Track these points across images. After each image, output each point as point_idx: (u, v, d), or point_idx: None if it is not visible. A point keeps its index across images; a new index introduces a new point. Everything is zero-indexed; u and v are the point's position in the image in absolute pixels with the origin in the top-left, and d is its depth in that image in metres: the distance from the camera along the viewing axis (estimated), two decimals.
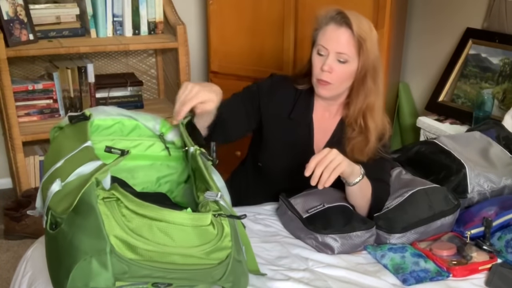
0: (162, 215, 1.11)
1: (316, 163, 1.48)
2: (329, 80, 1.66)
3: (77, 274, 1.06)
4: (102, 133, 1.46)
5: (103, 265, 1.06)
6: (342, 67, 1.65)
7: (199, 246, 1.13)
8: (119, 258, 1.06)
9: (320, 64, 1.66)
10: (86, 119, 1.40)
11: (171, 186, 1.51)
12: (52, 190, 1.15)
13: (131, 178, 1.46)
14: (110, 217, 1.08)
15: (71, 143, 1.31)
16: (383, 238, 1.60)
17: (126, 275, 1.08)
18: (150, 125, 1.50)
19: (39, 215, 1.28)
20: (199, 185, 1.33)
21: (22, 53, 2.64)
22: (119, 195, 1.10)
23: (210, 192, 1.21)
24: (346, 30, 1.63)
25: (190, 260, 1.12)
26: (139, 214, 1.10)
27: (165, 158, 1.52)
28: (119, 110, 1.50)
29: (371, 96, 1.69)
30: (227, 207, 1.21)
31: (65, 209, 1.09)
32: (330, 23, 1.65)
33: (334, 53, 1.64)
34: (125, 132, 1.49)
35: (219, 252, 1.15)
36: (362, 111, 1.71)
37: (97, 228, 1.06)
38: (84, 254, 1.05)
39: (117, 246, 1.07)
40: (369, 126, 1.70)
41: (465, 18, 2.82)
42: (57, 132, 1.43)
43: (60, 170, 1.23)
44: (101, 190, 1.10)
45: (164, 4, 2.96)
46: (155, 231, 1.10)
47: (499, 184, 1.79)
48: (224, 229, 1.17)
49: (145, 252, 1.08)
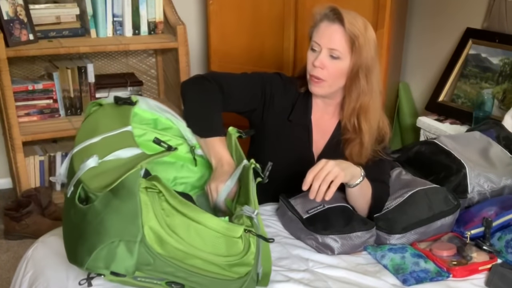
0: (203, 217, 1.11)
1: (313, 176, 1.47)
2: (321, 76, 1.66)
3: (101, 255, 1.06)
4: (136, 121, 1.46)
5: (130, 252, 1.05)
6: (334, 64, 1.65)
7: (226, 257, 1.14)
8: (147, 249, 1.06)
9: (312, 60, 1.67)
10: (132, 104, 1.40)
11: (185, 188, 1.52)
12: (87, 164, 1.15)
13: (150, 170, 1.45)
14: (149, 207, 1.08)
15: (111, 123, 1.31)
16: (383, 239, 1.60)
17: (148, 267, 1.08)
18: (187, 134, 1.51)
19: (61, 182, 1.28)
20: (240, 198, 1.33)
21: (22, 53, 2.64)
22: (162, 188, 1.10)
23: (248, 207, 1.21)
24: (338, 26, 1.63)
25: (212, 267, 1.13)
26: (179, 211, 1.10)
27: (188, 160, 1.52)
28: (165, 107, 1.52)
29: (365, 96, 1.67)
30: (259, 226, 1.21)
31: (101, 188, 1.08)
32: (323, 19, 1.66)
33: (326, 49, 1.64)
34: (159, 128, 1.50)
35: (241, 267, 1.16)
36: (356, 112, 1.69)
37: (133, 215, 1.06)
38: (114, 237, 1.05)
39: (149, 237, 1.06)
40: (362, 127, 1.68)
41: (465, 18, 2.82)
42: (95, 107, 1.42)
43: (97, 146, 1.22)
44: (143, 179, 1.10)
45: (164, 4, 2.96)
46: (191, 232, 1.10)
47: (499, 184, 1.79)
48: (250, 246, 1.18)
49: (173, 250, 1.08)
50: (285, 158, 1.79)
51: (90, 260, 1.06)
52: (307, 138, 1.79)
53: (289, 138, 1.79)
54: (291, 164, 1.75)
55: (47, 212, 2.70)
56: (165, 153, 1.17)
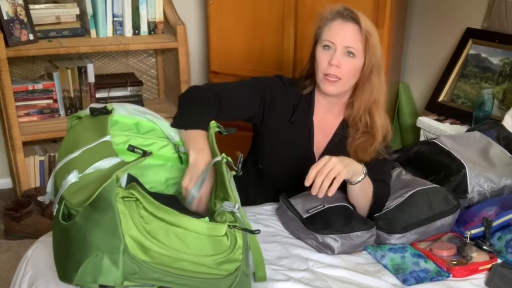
0: (180, 221, 1.11)
1: (316, 172, 1.47)
2: (337, 74, 1.66)
3: (87, 269, 1.06)
4: (118, 128, 1.46)
5: (114, 263, 1.06)
6: (350, 62, 1.65)
7: (212, 256, 1.13)
8: (131, 258, 1.07)
9: (327, 59, 1.66)
10: (108, 113, 1.40)
11: (178, 188, 1.51)
12: (69, 180, 1.15)
13: (141, 175, 1.46)
14: (128, 216, 1.08)
15: (89, 135, 1.31)
16: (383, 239, 1.60)
17: (135, 276, 1.08)
18: (169, 133, 1.51)
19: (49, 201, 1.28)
20: (218, 193, 1.33)
21: (22, 53, 2.64)
22: (138, 196, 1.10)
23: (228, 203, 1.21)
24: (353, 25, 1.64)
25: (200, 268, 1.13)
26: (157, 217, 1.10)
27: (176, 160, 1.52)
28: (143, 109, 1.51)
29: (377, 93, 1.70)
30: (242, 219, 1.22)
31: (81, 202, 1.08)
32: (336, 18, 1.66)
33: (341, 47, 1.64)
34: (142, 131, 1.50)
35: (229, 264, 1.16)
36: (368, 109, 1.71)
37: (113, 226, 1.06)
38: (97, 250, 1.05)
39: (131, 246, 1.07)
40: (376, 123, 1.70)
41: (465, 18, 2.82)
42: (75, 121, 1.43)
43: (77, 160, 1.23)
44: (120, 188, 1.10)
45: (164, 4, 2.96)
46: (171, 236, 1.10)
47: (499, 184, 1.79)
48: (237, 241, 1.18)
49: (158, 256, 1.09)
50: (285, 159, 1.79)
51: (78, 276, 1.06)
52: (308, 139, 1.79)
53: (290, 139, 1.79)
54: (292, 165, 1.76)
55: (47, 212, 2.70)
56: (140, 159, 1.17)
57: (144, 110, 1.52)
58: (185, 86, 2.93)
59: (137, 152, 1.19)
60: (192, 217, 1.14)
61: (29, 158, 2.84)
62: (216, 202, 1.29)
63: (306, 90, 1.79)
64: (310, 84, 1.78)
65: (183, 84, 2.93)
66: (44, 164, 2.92)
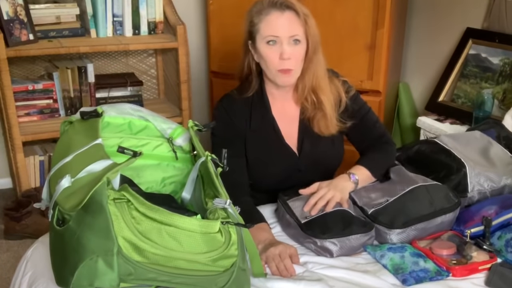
0: (172, 220, 1.11)
1: (315, 201, 1.61)
2: (291, 67, 1.67)
3: (83, 273, 1.06)
4: (111, 129, 1.46)
5: (109, 266, 1.06)
6: (298, 49, 1.66)
7: (206, 253, 1.13)
8: (125, 259, 1.07)
9: (277, 54, 1.65)
10: (98, 116, 1.40)
11: (176, 187, 1.51)
12: (62, 185, 1.16)
13: (137, 176, 1.46)
14: (120, 218, 1.08)
15: (81, 139, 1.31)
16: (383, 233, 1.59)
17: (131, 277, 1.08)
18: (162, 127, 1.50)
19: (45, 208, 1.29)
20: (207, 191, 1.33)
21: (22, 53, 2.64)
22: (130, 197, 1.10)
23: (219, 199, 1.21)
24: (290, 12, 1.64)
25: (195, 266, 1.13)
26: (149, 217, 1.11)
27: (171, 159, 1.52)
28: (135, 107, 1.51)
29: (318, 71, 1.72)
30: (234, 215, 1.22)
31: (74, 206, 1.09)
32: (271, 11, 1.65)
33: (287, 38, 1.64)
34: (134, 131, 1.50)
35: (225, 260, 1.16)
36: (312, 87, 1.73)
37: (106, 228, 1.06)
38: (91, 253, 1.06)
39: (125, 248, 1.07)
40: (322, 100, 1.73)
41: (465, 18, 2.82)
42: (67, 126, 1.43)
43: (70, 165, 1.23)
44: (112, 190, 1.10)
45: (164, 4, 2.96)
46: (164, 235, 1.10)
47: (499, 184, 1.78)
48: (231, 237, 1.18)
49: (152, 256, 1.09)
50: (268, 163, 1.79)
51: (74, 280, 1.07)
52: (275, 134, 1.79)
53: (262, 144, 1.79)
54: (275, 165, 1.78)
55: (47, 212, 2.70)
56: (131, 160, 1.17)
57: (138, 108, 1.52)
58: (185, 86, 2.93)
59: (127, 153, 1.19)
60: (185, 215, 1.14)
61: (29, 158, 2.84)
62: (207, 200, 1.28)
63: (254, 89, 1.78)
64: (256, 82, 1.77)
65: (183, 84, 2.93)
66: (44, 164, 2.92)
